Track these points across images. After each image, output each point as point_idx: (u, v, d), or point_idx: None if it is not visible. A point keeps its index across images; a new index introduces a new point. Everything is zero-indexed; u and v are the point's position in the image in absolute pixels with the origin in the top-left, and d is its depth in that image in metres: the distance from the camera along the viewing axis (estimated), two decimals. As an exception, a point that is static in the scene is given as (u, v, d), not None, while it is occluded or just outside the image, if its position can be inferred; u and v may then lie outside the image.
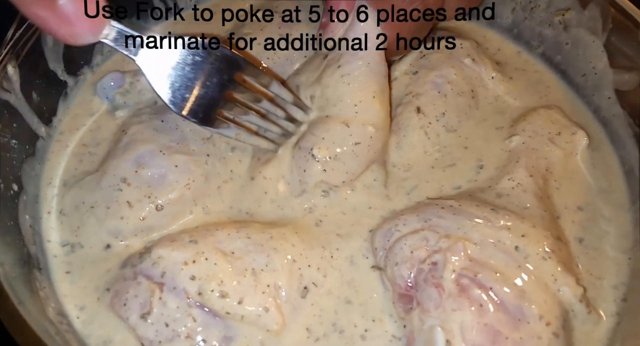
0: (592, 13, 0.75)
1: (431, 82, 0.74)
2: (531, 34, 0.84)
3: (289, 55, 0.78)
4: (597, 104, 0.78)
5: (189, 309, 0.57)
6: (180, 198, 0.66)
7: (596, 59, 0.77)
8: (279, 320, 0.59)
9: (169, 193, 0.66)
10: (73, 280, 0.63)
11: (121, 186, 0.65)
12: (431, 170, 0.72)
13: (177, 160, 0.67)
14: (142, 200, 0.65)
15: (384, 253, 0.63)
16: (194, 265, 0.58)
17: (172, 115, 0.68)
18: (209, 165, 0.68)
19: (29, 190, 0.68)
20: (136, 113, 0.73)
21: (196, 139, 0.69)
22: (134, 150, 0.67)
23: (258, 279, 0.59)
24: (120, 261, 0.63)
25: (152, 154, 0.66)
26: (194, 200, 0.67)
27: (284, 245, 0.62)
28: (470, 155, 0.73)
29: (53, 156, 0.72)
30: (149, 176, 0.66)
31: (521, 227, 0.61)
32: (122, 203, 0.65)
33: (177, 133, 0.68)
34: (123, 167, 0.66)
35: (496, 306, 0.55)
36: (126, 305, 0.58)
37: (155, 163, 0.66)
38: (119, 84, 0.75)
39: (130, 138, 0.68)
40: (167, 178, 0.66)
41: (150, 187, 0.65)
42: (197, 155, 0.68)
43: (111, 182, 0.66)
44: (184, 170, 0.67)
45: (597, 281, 0.65)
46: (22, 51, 0.67)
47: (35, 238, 0.65)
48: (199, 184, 0.67)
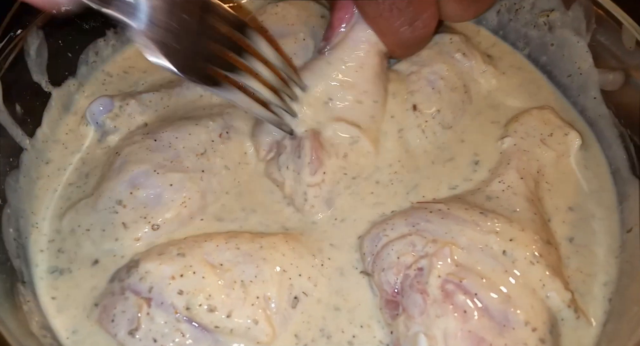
0: (575, 13, 0.75)
1: (425, 79, 0.74)
2: (517, 36, 0.84)
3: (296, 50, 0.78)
4: (583, 104, 0.78)
5: (177, 324, 0.57)
6: (177, 216, 0.66)
7: (581, 59, 0.77)
8: (269, 331, 0.58)
9: (165, 212, 0.66)
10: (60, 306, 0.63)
11: (117, 208, 0.65)
12: (431, 166, 0.72)
13: (172, 179, 0.66)
14: (138, 221, 0.65)
15: (371, 259, 0.63)
16: (181, 279, 0.58)
17: (165, 133, 0.69)
18: (204, 181, 0.68)
19: (13, 204, 0.67)
20: (128, 136, 0.73)
21: (190, 156, 0.68)
22: (128, 171, 0.66)
23: (247, 291, 0.59)
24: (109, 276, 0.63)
25: (147, 174, 0.66)
26: (191, 217, 0.67)
27: (273, 255, 0.62)
28: (467, 149, 0.74)
29: (41, 193, 0.71)
30: (144, 197, 0.65)
31: (510, 230, 0.60)
32: (118, 225, 0.65)
33: (171, 151, 0.68)
34: (118, 189, 0.66)
35: (481, 312, 0.55)
36: (114, 321, 0.58)
37: (150, 183, 0.66)
38: (108, 108, 0.74)
39: (123, 160, 0.68)
40: (163, 198, 0.66)
41: (147, 207, 0.65)
42: (192, 172, 0.68)
43: (106, 204, 0.65)
44: (179, 189, 0.66)
45: (588, 278, 0.65)
46: (4, 64, 0.67)
47: (19, 251, 0.65)
48: (196, 201, 0.67)
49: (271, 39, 0.69)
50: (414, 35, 0.65)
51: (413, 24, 0.63)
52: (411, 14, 0.62)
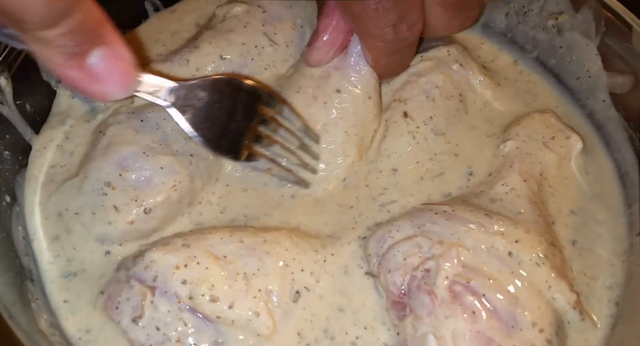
0: (585, 16, 0.75)
1: (419, 88, 0.74)
2: (525, 38, 0.84)
3: (286, 57, 0.77)
4: (592, 107, 0.78)
5: (180, 313, 0.57)
6: (167, 200, 0.65)
7: (590, 62, 0.76)
8: (270, 324, 0.59)
9: (156, 195, 0.65)
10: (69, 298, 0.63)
11: (105, 190, 0.64)
12: (420, 182, 0.71)
13: (161, 162, 0.65)
14: (129, 204, 0.64)
15: (377, 260, 0.63)
16: (185, 269, 0.58)
17: (152, 114, 0.68)
18: (194, 165, 0.67)
19: (22, 202, 0.67)
20: (113, 114, 0.71)
21: (178, 139, 0.67)
22: (115, 152, 0.65)
23: (249, 283, 0.59)
24: (115, 266, 0.63)
25: (136, 156, 0.65)
26: (180, 201, 0.66)
27: (277, 249, 0.62)
28: (461, 163, 0.73)
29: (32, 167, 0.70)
30: (134, 179, 0.64)
31: (515, 232, 0.60)
32: (109, 208, 0.64)
33: (159, 133, 0.67)
34: (106, 170, 0.65)
35: (489, 313, 0.55)
36: (118, 309, 0.58)
37: (139, 165, 0.65)
38: None
39: (109, 140, 0.66)
40: (153, 181, 0.65)
41: (137, 189, 0.64)
42: (181, 156, 0.67)
43: (94, 186, 0.64)
44: (169, 172, 0.65)
45: (591, 281, 0.65)
46: (14, 63, 0.67)
47: (27, 249, 0.65)
48: (185, 185, 0.66)
49: (291, 106, 0.71)
50: (397, 38, 0.63)
51: (397, 25, 0.62)
52: (396, 15, 0.61)
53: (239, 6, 0.77)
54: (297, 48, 0.77)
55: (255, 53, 0.76)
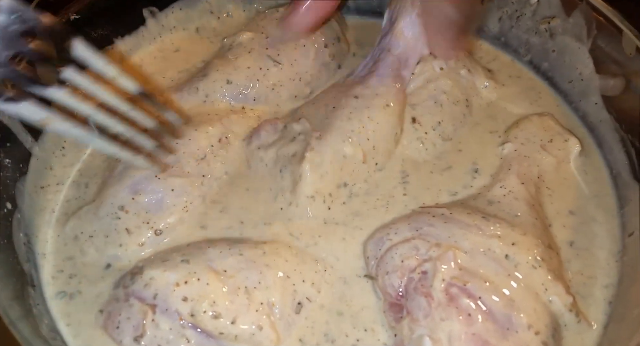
0: (576, 20, 0.76)
1: (428, 93, 0.75)
2: (518, 42, 0.85)
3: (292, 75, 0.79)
4: (585, 110, 0.79)
5: (182, 330, 0.57)
6: (179, 221, 0.67)
7: (582, 65, 0.77)
8: (273, 337, 0.59)
9: (167, 217, 0.66)
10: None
11: (119, 214, 0.66)
12: (430, 175, 0.73)
13: (173, 184, 0.67)
14: (141, 226, 0.66)
15: (375, 262, 0.63)
16: (185, 285, 0.58)
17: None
18: (205, 186, 0.69)
19: (23, 209, 0.68)
20: None
21: (190, 161, 0.69)
22: (129, 177, 0.67)
23: (251, 297, 0.59)
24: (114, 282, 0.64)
25: (148, 180, 0.67)
26: (192, 222, 0.68)
27: (277, 261, 0.62)
28: (465, 158, 0.74)
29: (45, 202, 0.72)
30: (146, 202, 0.66)
31: (512, 235, 0.61)
32: (121, 231, 0.65)
33: (171, 156, 0.69)
34: (120, 195, 0.66)
35: (485, 315, 0.55)
36: (119, 328, 0.58)
37: (151, 188, 0.66)
38: None
39: (125, 165, 0.68)
40: (164, 203, 0.66)
41: (149, 212, 0.66)
42: (193, 177, 0.69)
43: (109, 210, 0.66)
44: (180, 193, 0.67)
45: (588, 281, 0.65)
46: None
47: (29, 255, 0.66)
48: (197, 206, 0.68)
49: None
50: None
51: None
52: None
53: (244, 34, 0.80)
54: (300, 67, 0.79)
55: (261, 74, 0.78)
